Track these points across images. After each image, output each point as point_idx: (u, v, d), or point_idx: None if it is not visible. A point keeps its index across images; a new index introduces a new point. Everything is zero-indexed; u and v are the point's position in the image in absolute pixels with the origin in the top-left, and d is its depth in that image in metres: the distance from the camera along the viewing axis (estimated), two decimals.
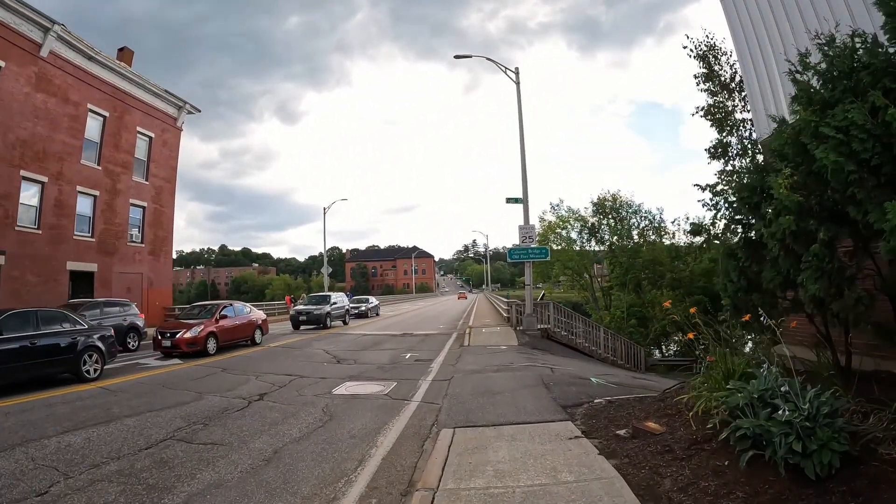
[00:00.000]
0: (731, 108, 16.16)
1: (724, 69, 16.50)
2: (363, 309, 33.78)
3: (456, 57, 21.08)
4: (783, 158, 6.13)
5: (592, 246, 39.28)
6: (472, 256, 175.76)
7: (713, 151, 15.29)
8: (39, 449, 5.88)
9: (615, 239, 36.76)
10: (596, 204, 38.06)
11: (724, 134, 15.76)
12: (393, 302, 64.59)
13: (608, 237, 37.60)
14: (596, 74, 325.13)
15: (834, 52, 5.51)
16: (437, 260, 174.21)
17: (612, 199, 37.81)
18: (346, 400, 8.22)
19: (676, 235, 35.34)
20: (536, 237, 19.14)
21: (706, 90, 16.26)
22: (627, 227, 37.17)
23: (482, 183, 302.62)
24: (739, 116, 15.84)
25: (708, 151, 15.34)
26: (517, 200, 18.63)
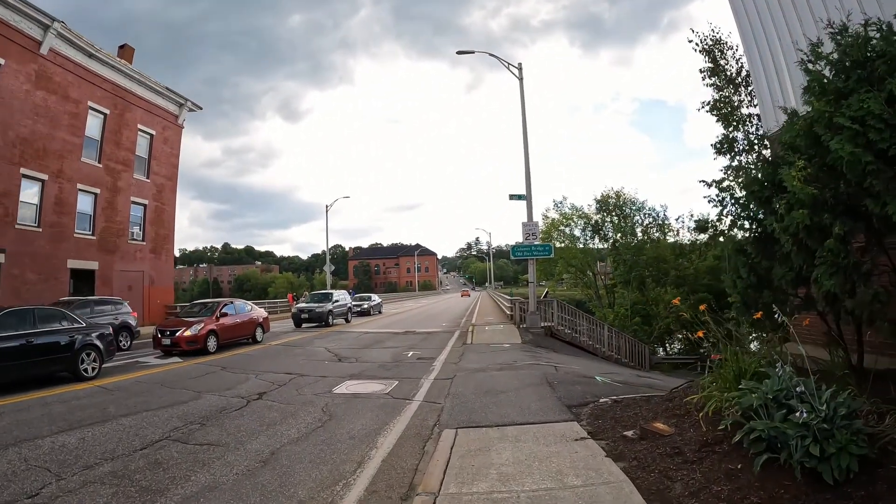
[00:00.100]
0: (737, 102, 15.96)
1: (729, 64, 16.31)
2: (365, 307, 33.68)
3: (458, 52, 21.01)
4: (795, 151, 5.95)
5: (596, 243, 39.06)
6: (475, 254, 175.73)
7: (719, 147, 15.08)
8: (33, 449, 5.77)
9: (619, 236, 36.53)
10: (599, 201, 37.85)
11: (730, 129, 15.55)
12: (396, 300, 64.55)
13: (612, 234, 37.37)
14: (599, 72, 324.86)
15: (847, 41, 5.33)
16: (439, 258, 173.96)
17: (615, 196, 37.58)
18: (346, 399, 8.08)
19: (680, 233, 35.15)
20: (540, 234, 18.98)
21: (712, 85, 16.05)
22: (631, 224, 36.93)
23: (485, 181, 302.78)
24: (745, 111, 15.66)
25: (714, 147, 15.16)
26: (520, 197, 18.45)
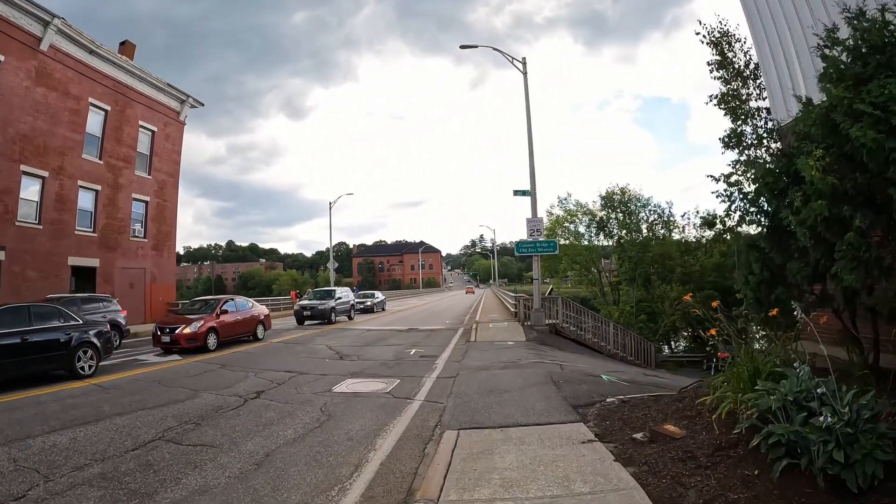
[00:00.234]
0: (745, 96, 15.66)
1: (737, 56, 16.01)
2: (369, 304, 33.52)
3: (462, 47, 20.68)
4: (811, 140, 5.71)
5: (601, 240, 38.72)
6: (479, 251, 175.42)
7: (727, 141, 14.78)
8: (23, 449, 5.62)
9: (624, 233, 36.19)
10: (604, 198, 37.46)
11: (738, 123, 15.26)
12: (399, 297, 64.36)
13: (617, 231, 37.02)
14: (602, 69, 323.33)
15: (864, 26, 5.09)
16: (444, 255, 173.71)
17: (620, 192, 37.19)
18: (346, 398, 7.88)
19: (686, 230, 34.78)
20: (544, 231, 18.71)
21: (720, 78, 15.76)
22: (636, 221, 36.56)
23: (489, 178, 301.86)
24: (754, 105, 15.37)
25: (722, 141, 14.86)
26: (524, 193, 18.19)
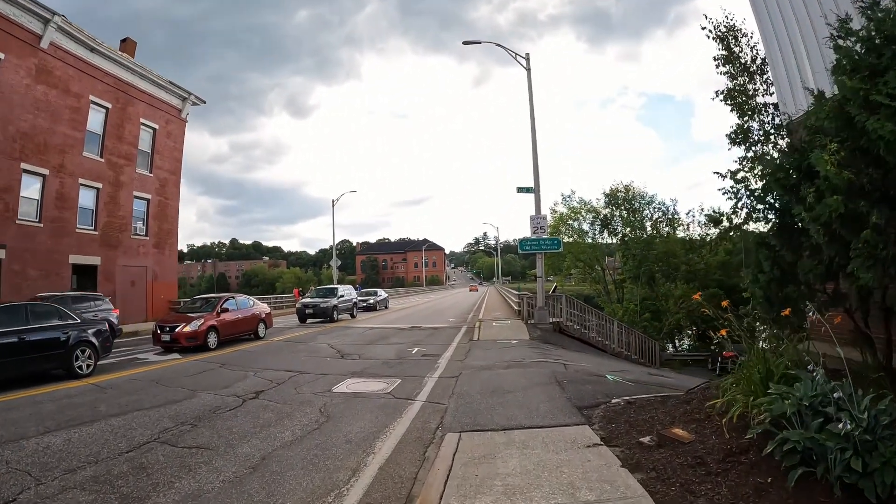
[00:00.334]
0: (751, 91, 15.43)
1: (744, 51, 15.77)
2: (371, 302, 33.38)
3: (464, 43, 20.54)
4: (823, 134, 5.53)
5: (605, 238, 38.48)
6: (482, 249, 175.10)
7: (734, 137, 14.57)
8: (16, 451, 5.49)
9: (628, 231, 35.95)
10: (608, 195, 37.22)
11: (744, 119, 15.03)
12: (403, 295, 64.25)
13: (621, 229, 36.79)
14: (606, 67, 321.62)
15: (878, 15, 4.90)
16: (447, 253, 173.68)
17: (625, 189, 36.95)
18: (345, 399, 7.73)
19: (691, 227, 34.53)
20: (548, 228, 18.54)
21: (726, 73, 15.50)
22: (640, 218, 36.33)
23: (492, 176, 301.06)
24: (761, 100, 15.14)
25: (728, 137, 14.64)
26: (528, 190, 18.02)
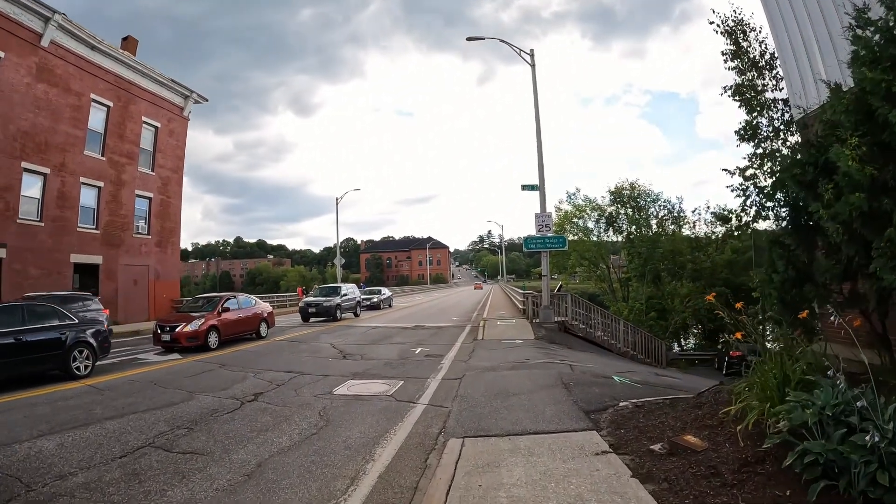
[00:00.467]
0: (760, 87, 15.12)
1: (752, 46, 15.46)
2: (375, 300, 33.19)
3: (468, 39, 20.32)
4: (842, 128, 5.31)
5: (610, 236, 38.19)
6: (487, 247, 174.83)
7: (742, 133, 14.27)
8: (8, 455, 5.36)
9: (633, 229, 35.65)
10: (613, 192, 36.92)
11: (753, 115, 14.72)
12: (407, 293, 64.09)
13: (626, 227, 36.50)
14: (610, 65, 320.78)
15: None
16: (451, 251, 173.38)
17: (630, 187, 36.64)
18: (346, 402, 7.55)
19: (697, 226, 34.20)
20: (553, 226, 18.31)
21: (734, 68, 15.20)
22: (646, 216, 36.02)
23: (497, 174, 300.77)
24: (770, 96, 14.83)
25: (737, 133, 14.34)
26: (533, 188, 17.80)
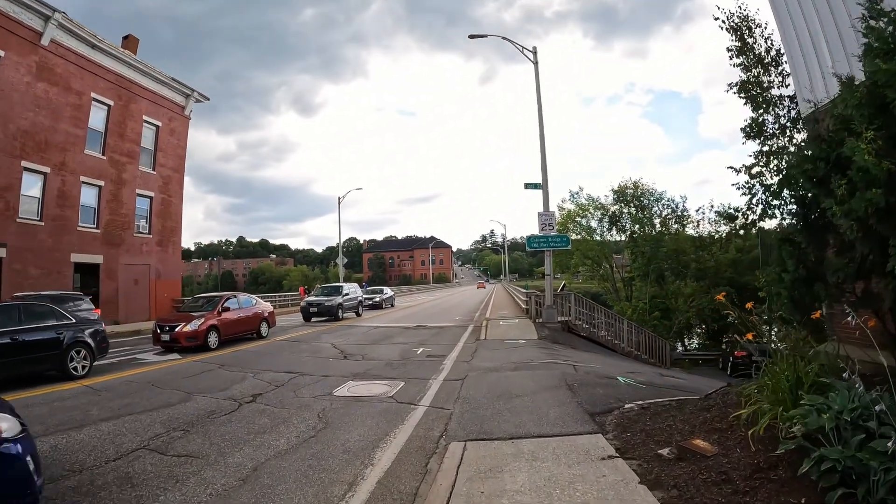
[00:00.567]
0: (766, 83, 14.96)
1: (758, 42, 15.30)
2: (377, 300, 33.07)
3: (470, 36, 20.12)
4: (854, 122, 5.15)
5: (613, 235, 38.04)
6: (489, 246, 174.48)
7: (748, 131, 14.11)
8: None
9: (637, 228, 35.49)
10: (617, 192, 36.81)
11: (759, 112, 14.56)
12: (409, 292, 63.95)
13: (629, 226, 36.33)
14: (612, 64, 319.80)
15: None
16: (454, 250, 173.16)
17: (633, 186, 36.50)
18: (345, 403, 7.41)
19: (701, 225, 34.03)
20: (556, 225, 18.15)
21: (740, 65, 15.03)
22: (649, 215, 35.85)
23: (500, 173, 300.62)
24: (776, 92, 14.67)
25: (743, 131, 14.17)
26: (536, 186, 17.63)
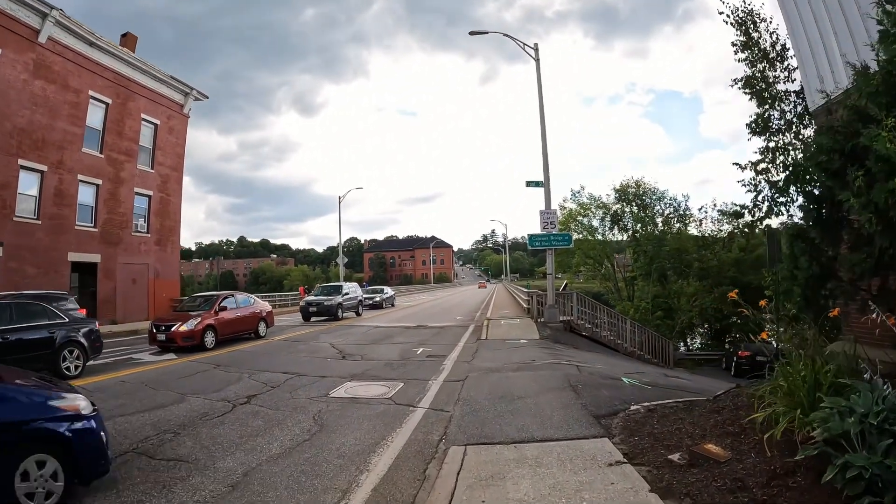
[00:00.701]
0: (771, 78, 14.72)
1: (763, 37, 15.07)
2: (378, 300, 32.89)
3: (471, 33, 19.91)
4: (868, 111, 4.96)
5: (615, 234, 37.79)
6: (490, 246, 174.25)
7: (754, 126, 13.86)
8: None
9: (639, 227, 35.24)
10: (619, 191, 36.53)
11: (764, 107, 14.32)
12: (410, 292, 63.76)
13: (631, 225, 36.08)
14: (613, 64, 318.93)
15: None
16: (455, 250, 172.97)
17: (635, 185, 36.24)
18: (342, 405, 7.20)
19: (703, 224, 33.75)
20: (558, 223, 17.93)
21: (745, 60, 14.80)
22: (652, 214, 35.60)
23: (501, 174, 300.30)
24: (782, 87, 14.43)
25: (749, 126, 13.92)
26: (538, 184, 17.42)
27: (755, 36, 14.92)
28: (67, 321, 9.82)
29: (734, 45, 14.90)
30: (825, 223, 5.52)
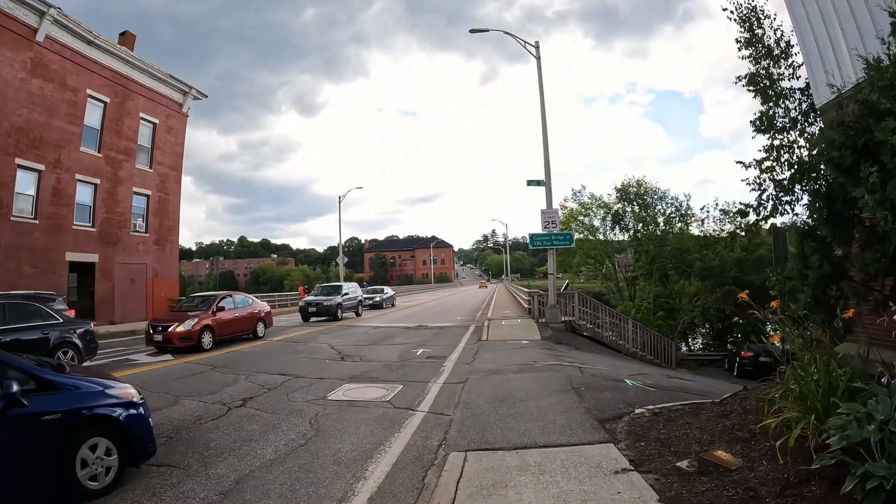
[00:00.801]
0: (776, 76, 14.54)
1: (767, 34, 14.89)
2: (378, 300, 32.73)
3: (472, 31, 19.75)
4: (881, 106, 4.80)
5: (616, 234, 37.61)
6: (491, 246, 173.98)
7: (759, 124, 13.68)
8: None
9: (640, 227, 35.05)
10: (620, 190, 36.36)
11: (768, 105, 14.14)
12: (410, 292, 63.59)
13: (633, 225, 35.89)
14: (613, 64, 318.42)
15: None
16: (455, 250, 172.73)
17: (636, 185, 36.06)
18: (340, 408, 7.04)
19: (705, 223, 33.55)
20: (559, 223, 17.77)
21: (748, 57, 14.63)
22: (653, 214, 35.41)
23: (501, 174, 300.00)
24: (786, 84, 14.25)
25: (753, 124, 13.72)
26: (539, 183, 17.27)
27: (759, 32, 14.73)
28: (62, 322, 9.69)
29: (738, 41, 14.71)
30: (836, 221, 5.36)
